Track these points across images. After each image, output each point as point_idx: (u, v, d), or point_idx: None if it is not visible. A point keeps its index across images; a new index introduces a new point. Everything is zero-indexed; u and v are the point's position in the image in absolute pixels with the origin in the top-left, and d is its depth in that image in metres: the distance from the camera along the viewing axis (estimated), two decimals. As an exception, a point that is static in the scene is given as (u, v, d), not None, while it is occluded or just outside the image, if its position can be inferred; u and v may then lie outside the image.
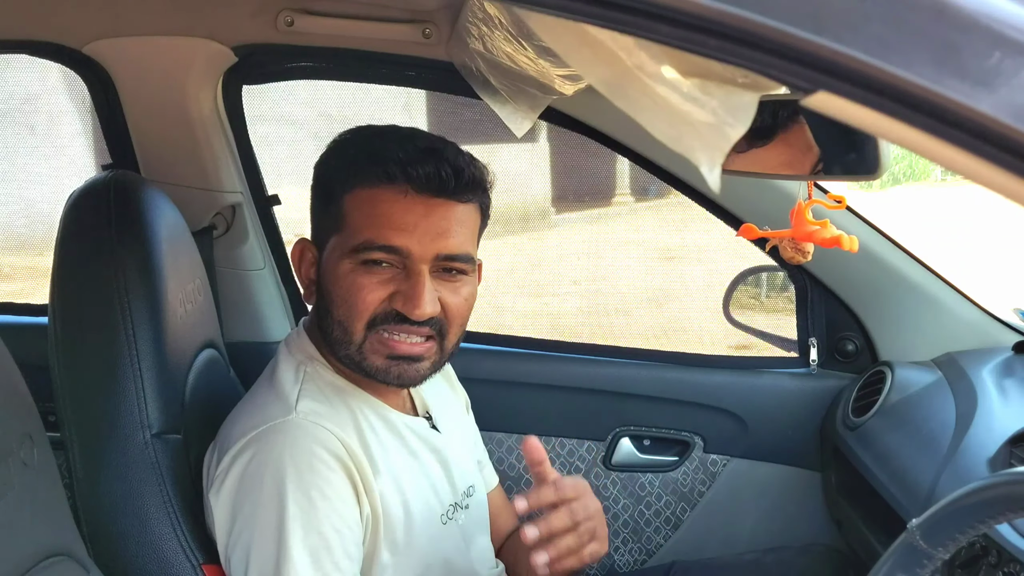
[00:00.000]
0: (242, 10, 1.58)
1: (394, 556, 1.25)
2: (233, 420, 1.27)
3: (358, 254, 1.21)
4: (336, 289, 1.23)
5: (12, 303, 2.10)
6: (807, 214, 1.29)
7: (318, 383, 1.26)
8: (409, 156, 1.19)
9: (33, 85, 3.84)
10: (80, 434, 1.28)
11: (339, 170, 1.26)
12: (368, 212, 1.21)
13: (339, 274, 1.22)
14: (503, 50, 1.40)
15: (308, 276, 1.30)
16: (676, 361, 2.02)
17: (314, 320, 1.32)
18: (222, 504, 1.19)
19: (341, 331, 1.23)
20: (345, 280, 1.22)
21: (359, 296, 1.21)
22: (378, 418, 1.29)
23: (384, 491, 1.23)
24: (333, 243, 1.24)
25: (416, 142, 1.23)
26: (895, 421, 1.64)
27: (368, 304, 1.21)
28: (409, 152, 1.20)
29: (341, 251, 1.22)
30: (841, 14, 0.54)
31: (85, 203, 1.35)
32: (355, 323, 1.22)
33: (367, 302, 1.21)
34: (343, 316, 1.23)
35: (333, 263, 1.23)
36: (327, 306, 1.25)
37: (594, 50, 0.64)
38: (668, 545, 1.95)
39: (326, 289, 1.25)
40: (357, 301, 1.21)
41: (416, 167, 1.19)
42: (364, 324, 1.22)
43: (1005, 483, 0.85)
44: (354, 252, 1.21)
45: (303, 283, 1.31)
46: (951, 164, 0.56)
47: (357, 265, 1.21)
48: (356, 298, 1.21)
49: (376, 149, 1.23)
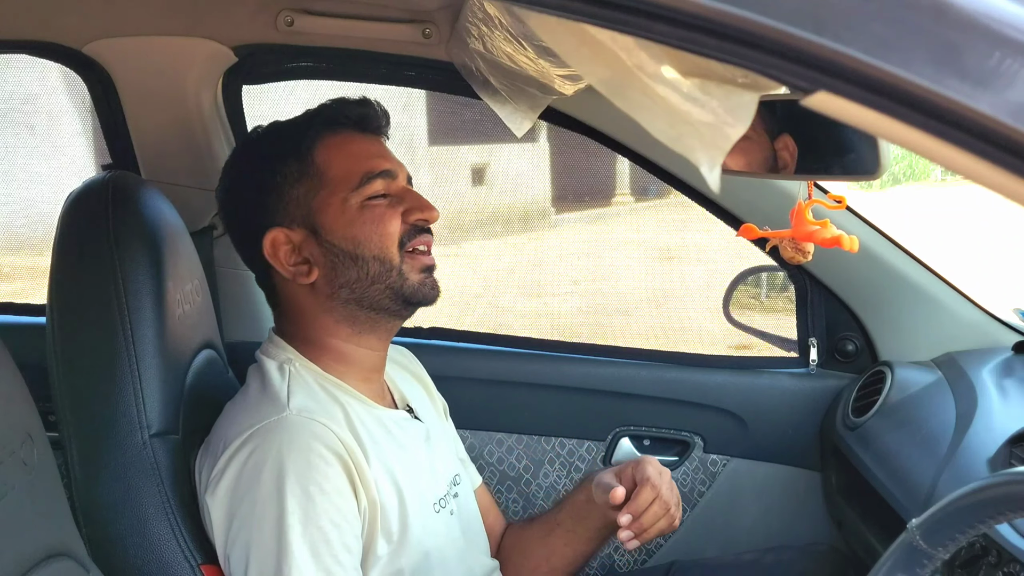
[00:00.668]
0: (242, 10, 1.58)
1: (390, 546, 1.26)
2: (225, 421, 1.27)
3: (361, 189, 1.28)
4: (357, 231, 1.28)
5: (12, 303, 2.10)
6: (807, 214, 1.28)
7: (304, 380, 1.28)
8: (348, 105, 1.33)
9: (33, 85, 3.84)
10: (78, 434, 1.28)
11: (297, 136, 1.31)
12: (346, 153, 1.30)
13: (350, 218, 1.28)
14: (503, 50, 1.40)
15: (291, 262, 1.30)
16: (676, 361, 2.02)
17: (284, 324, 1.36)
18: (219, 503, 1.20)
19: (379, 264, 1.29)
20: (361, 217, 1.28)
21: (384, 222, 1.28)
22: (365, 411, 1.30)
23: (379, 480, 1.24)
24: (321, 200, 1.29)
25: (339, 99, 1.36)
26: (895, 421, 1.64)
27: (395, 227, 1.29)
28: (347, 103, 1.34)
29: (340, 198, 1.28)
30: (841, 14, 0.53)
31: (83, 203, 1.35)
32: (390, 248, 1.29)
33: (393, 225, 1.29)
34: (377, 249, 1.28)
35: (335, 213, 1.28)
36: (351, 254, 1.28)
37: (594, 50, 0.64)
38: (668, 545, 1.95)
39: (341, 240, 1.28)
40: (384, 228, 1.29)
41: (355, 109, 1.33)
42: (397, 246, 1.29)
43: (1005, 483, 0.85)
44: (356, 189, 1.28)
45: (288, 271, 1.31)
46: (951, 164, 0.56)
47: (363, 201, 1.28)
48: (382, 226, 1.28)
49: (317, 109, 1.34)
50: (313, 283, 1.30)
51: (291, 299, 1.33)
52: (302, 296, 1.32)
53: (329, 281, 1.30)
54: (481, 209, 4.96)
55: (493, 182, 5.29)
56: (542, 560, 1.51)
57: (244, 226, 1.34)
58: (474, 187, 5.22)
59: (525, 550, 1.54)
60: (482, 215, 4.76)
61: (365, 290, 1.30)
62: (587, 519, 1.47)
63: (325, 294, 1.31)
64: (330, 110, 1.33)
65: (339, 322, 1.32)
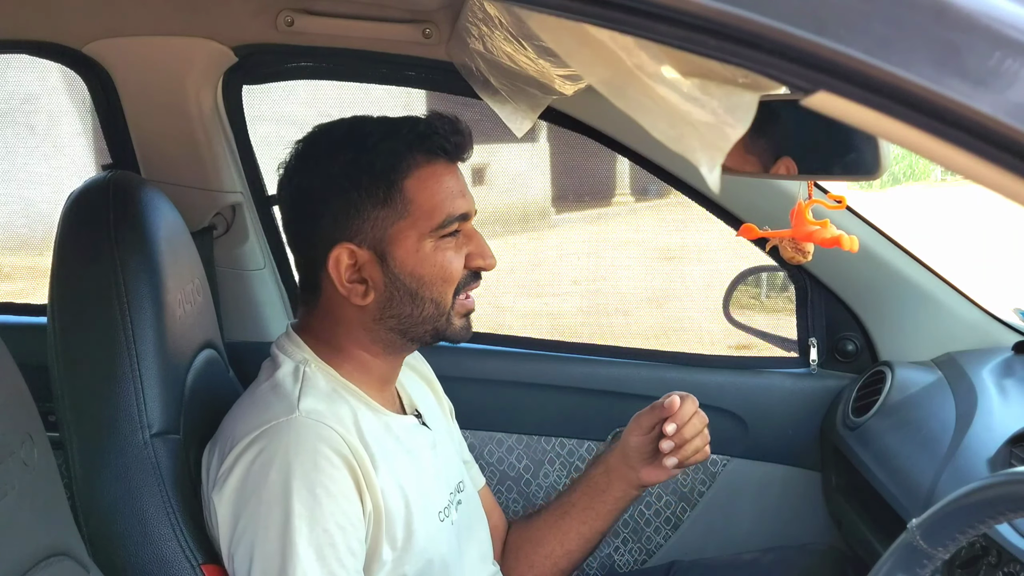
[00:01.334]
0: (242, 10, 1.58)
1: (394, 552, 1.26)
2: (234, 419, 1.27)
3: (440, 230, 1.27)
4: (424, 271, 1.27)
5: (12, 303, 2.10)
6: (807, 214, 1.28)
7: (318, 383, 1.27)
8: (447, 133, 1.29)
9: (33, 85, 3.84)
10: (79, 434, 1.28)
11: (387, 159, 1.27)
12: (434, 188, 1.27)
13: (422, 256, 1.27)
14: (503, 50, 1.41)
15: (349, 278, 1.27)
16: (676, 361, 2.02)
17: (311, 322, 1.33)
18: (225, 502, 1.20)
19: (434, 307, 1.29)
20: (431, 259, 1.28)
21: (450, 268, 1.29)
22: (374, 417, 1.30)
23: (385, 487, 1.24)
24: (399, 230, 1.26)
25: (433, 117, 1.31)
26: (895, 421, 1.64)
27: (457, 271, 1.30)
28: (445, 130, 1.29)
29: (418, 233, 1.27)
30: (841, 14, 0.53)
31: (84, 203, 1.35)
32: (448, 294, 1.29)
33: (457, 271, 1.29)
34: (437, 293, 1.29)
35: (410, 248, 1.27)
36: (412, 291, 1.28)
37: (594, 50, 0.64)
38: (668, 545, 1.95)
39: (407, 276, 1.27)
40: (449, 273, 1.29)
41: (451, 138, 1.29)
42: (453, 292, 1.30)
43: (1005, 483, 0.85)
44: (435, 230, 1.27)
45: (344, 288, 1.27)
46: (951, 164, 0.56)
47: (438, 240, 1.28)
48: (448, 271, 1.29)
49: (416, 131, 1.28)
50: (365, 305, 1.29)
51: (334, 308, 1.31)
52: (348, 310, 1.30)
53: (381, 307, 1.29)
54: (481, 209, 4.95)
55: (493, 182, 5.28)
56: (556, 544, 1.52)
57: (310, 232, 1.30)
58: (474, 187, 5.21)
59: (536, 538, 1.54)
60: (482, 215, 4.78)
61: (412, 326, 1.30)
62: (606, 491, 1.50)
63: (373, 317, 1.30)
64: (431, 140, 1.28)
65: (375, 342, 1.32)
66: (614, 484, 1.49)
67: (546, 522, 1.55)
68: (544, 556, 1.53)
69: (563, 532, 1.52)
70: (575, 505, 1.52)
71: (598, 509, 1.51)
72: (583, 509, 1.51)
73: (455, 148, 1.30)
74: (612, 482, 1.50)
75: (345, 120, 1.33)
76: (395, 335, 1.31)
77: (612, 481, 1.49)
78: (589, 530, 1.52)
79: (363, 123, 1.32)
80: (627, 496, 1.50)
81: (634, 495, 1.51)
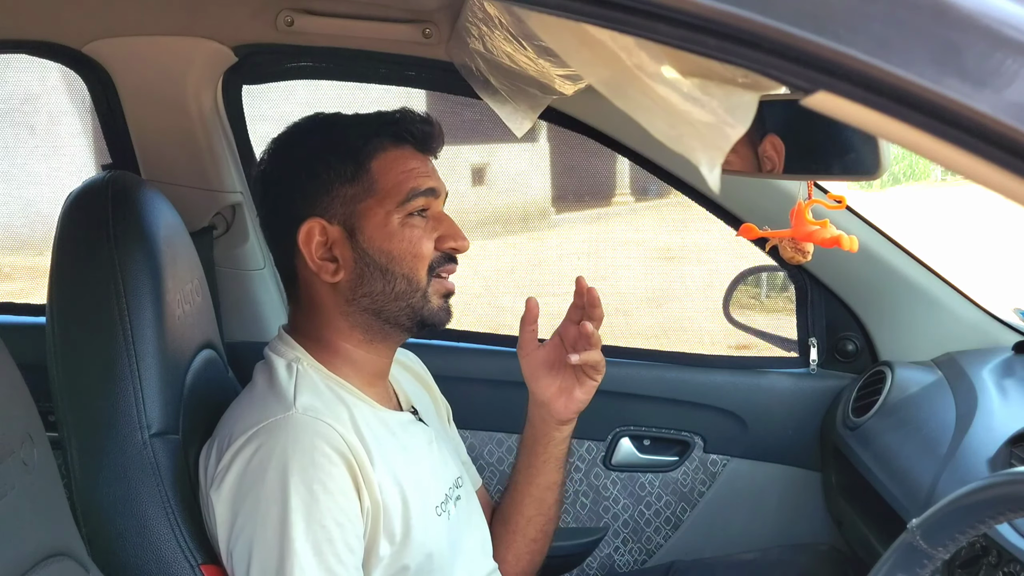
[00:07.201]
0: (242, 10, 1.58)
1: (392, 547, 1.26)
2: (231, 417, 1.27)
3: (404, 205, 1.30)
4: (392, 246, 1.30)
5: (12, 303, 2.10)
6: (807, 214, 1.28)
7: (311, 379, 1.28)
8: (415, 121, 1.34)
9: (33, 85, 3.84)
10: (78, 434, 1.28)
11: (356, 140, 1.31)
12: (401, 168, 1.31)
13: (390, 231, 1.30)
14: (503, 50, 1.41)
15: (320, 255, 1.30)
16: (676, 361, 2.02)
17: (298, 320, 1.36)
18: (223, 500, 1.20)
19: (406, 283, 1.31)
20: (399, 234, 1.30)
21: (419, 244, 1.31)
22: (371, 413, 1.31)
23: (382, 483, 1.24)
24: (367, 207, 1.30)
25: (404, 109, 1.36)
26: (895, 421, 1.64)
27: (428, 250, 1.32)
28: (414, 119, 1.34)
29: (385, 211, 1.30)
30: (841, 14, 0.53)
31: (83, 203, 1.35)
32: (420, 271, 1.31)
33: (427, 249, 1.32)
34: (407, 269, 1.31)
35: (377, 225, 1.30)
36: (382, 267, 1.30)
37: (594, 50, 0.64)
38: (668, 545, 1.95)
39: (376, 251, 1.30)
40: (419, 249, 1.31)
41: (419, 126, 1.34)
42: (426, 270, 1.32)
43: (1005, 483, 0.85)
44: (400, 205, 1.29)
45: (315, 263, 1.30)
46: (951, 164, 0.56)
47: (404, 218, 1.30)
48: (417, 247, 1.31)
49: (385, 118, 1.35)
50: (336, 283, 1.31)
51: (311, 294, 1.33)
52: (323, 293, 1.32)
53: (353, 286, 1.31)
54: (481, 209, 4.95)
55: (493, 182, 5.29)
56: (518, 516, 1.53)
57: (281, 209, 1.34)
58: (474, 187, 5.22)
59: (502, 519, 1.55)
60: (482, 215, 4.75)
61: (386, 303, 1.31)
62: (535, 444, 1.50)
63: (346, 297, 1.31)
64: (398, 124, 1.34)
65: (353, 327, 1.33)
66: (538, 431, 1.49)
67: (506, 501, 1.56)
68: (513, 532, 1.54)
69: (518, 502, 1.53)
70: (519, 472, 1.53)
71: (537, 465, 1.51)
72: (525, 470, 1.52)
73: (423, 136, 1.34)
74: (536, 431, 1.50)
75: (318, 113, 1.39)
76: (370, 316, 1.32)
77: (536, 429, 1.50)
78: (536, 488, 1.52)
79: (334, 115, 1.38)
80: (555, 437, 1.49)
81: (564, 433, 1.50)
